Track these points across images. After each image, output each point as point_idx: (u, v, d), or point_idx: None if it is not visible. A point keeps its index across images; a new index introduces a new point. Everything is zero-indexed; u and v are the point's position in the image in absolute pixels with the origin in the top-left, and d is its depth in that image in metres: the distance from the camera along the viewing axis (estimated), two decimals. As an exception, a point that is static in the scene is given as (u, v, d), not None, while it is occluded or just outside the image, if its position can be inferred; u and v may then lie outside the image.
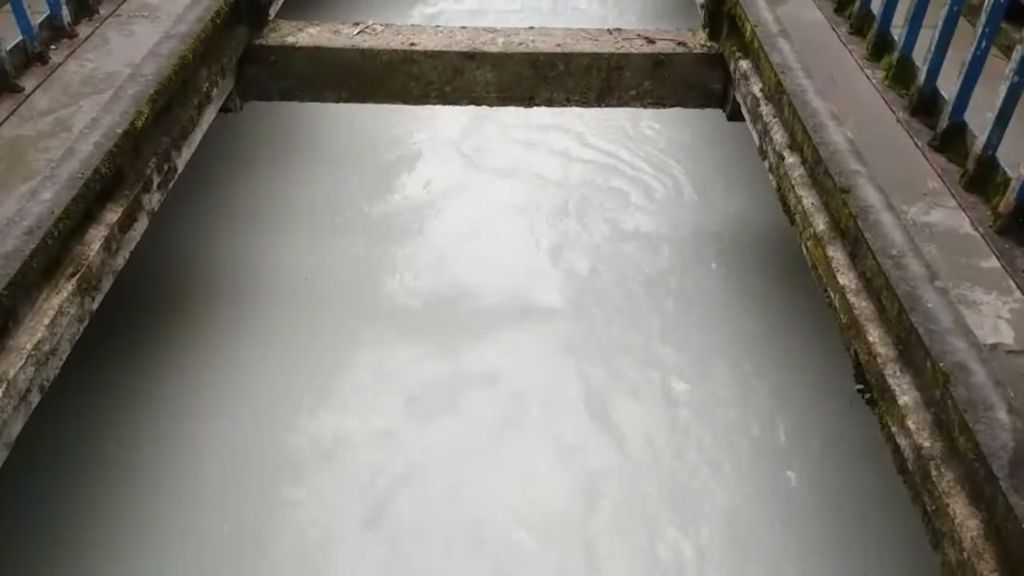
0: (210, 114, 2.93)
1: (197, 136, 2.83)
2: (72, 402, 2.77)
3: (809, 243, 2.24)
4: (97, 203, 2.17)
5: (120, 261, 2.27)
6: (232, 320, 3.34)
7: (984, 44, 1.82)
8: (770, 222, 3.57)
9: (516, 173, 4.29)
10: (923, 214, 2.02)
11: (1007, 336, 1.70)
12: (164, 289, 3.42)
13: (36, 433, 1.88)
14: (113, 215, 2.21)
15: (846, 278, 2.01)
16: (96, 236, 2.12)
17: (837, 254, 2.09)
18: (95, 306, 2.11)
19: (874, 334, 1.79)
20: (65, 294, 1.93)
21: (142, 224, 2.40)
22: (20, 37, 2.07)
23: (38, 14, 2.54)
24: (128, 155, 2.30)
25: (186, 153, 2.74)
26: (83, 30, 2.59)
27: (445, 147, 4.45)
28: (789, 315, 3.36)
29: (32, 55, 2.02)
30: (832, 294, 2.06)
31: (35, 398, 1.80)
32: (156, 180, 2.46)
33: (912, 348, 1.68)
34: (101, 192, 2.17)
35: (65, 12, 2.16)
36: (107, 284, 2.18)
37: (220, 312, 3.37)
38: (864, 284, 1.96)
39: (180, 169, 2.70)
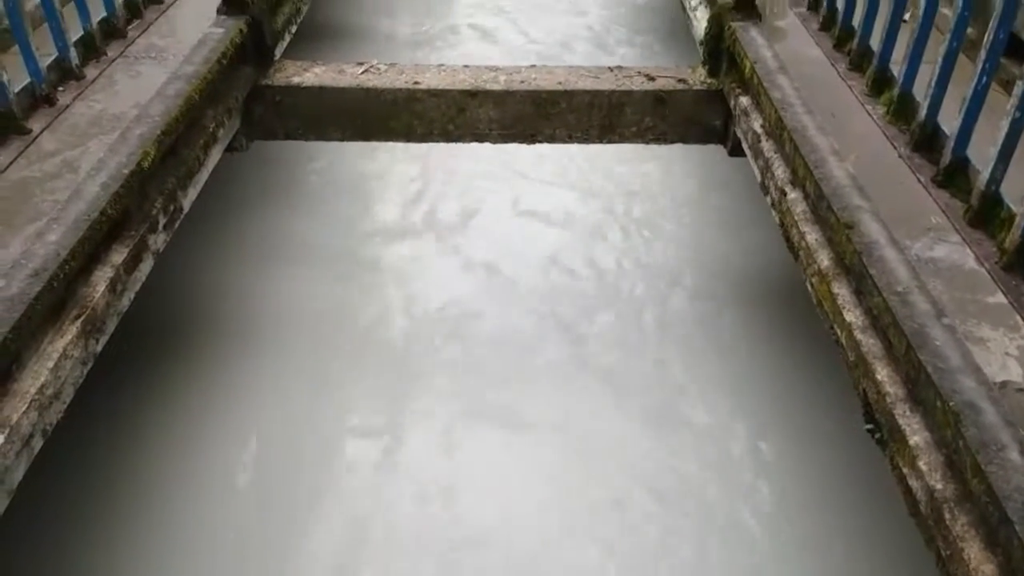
0: (216, 154, 2.96)
1: (203, 176, 2.85)
2: (75, 444, 2.75)
3: (814, 279, 2.23)
4: (103, 244, 2.17)
5: (125, 302, 2.27)
6: (238, 360, 3.33)
7: (984, 80, 1.84)
8: (774, 258, 3.57)
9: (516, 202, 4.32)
10: (928, 249, 2.02)
11: (1015, 374, 1.69)
12: (168, 329, 3.42)
13: (39, 478, 1.86)
14: (119, 256, 2.22)
15: (852, 315, 2.00)
16: (101, 278, 2.12)
17: (842, 291, 2.08)
18: (99, 348, 2.11)
19: (882, 372, 1.77)
20: (69, 337, 1.93)
21: (147, 265, 2.40)
22: (28, 79, 2.10)
23: (46, 56, 2.58)
24: (134, 196, 2.31)
25: (192, 193, 2.75)
26: (91, 72, 2.62)
27: (450, 183, 4.47)
28: (795, 351, 3.34)
29: (40, 97, 2.05)
30: (839, 331, 2.05)
31: (38, 443, 1.79)
32: (162, 221, 2.47)
33: (921, 386, 1.66)
34: (107, 233, 2.17)
35: (73, 54, 2.19)
36: (112, 326, 2.18)
37: (226, 351, 3.36)
38: (871, 321, 1.95)
39: (186, 209, 2.71)
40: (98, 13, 2.80)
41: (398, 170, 4.53)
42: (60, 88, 2.27)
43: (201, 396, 3.15)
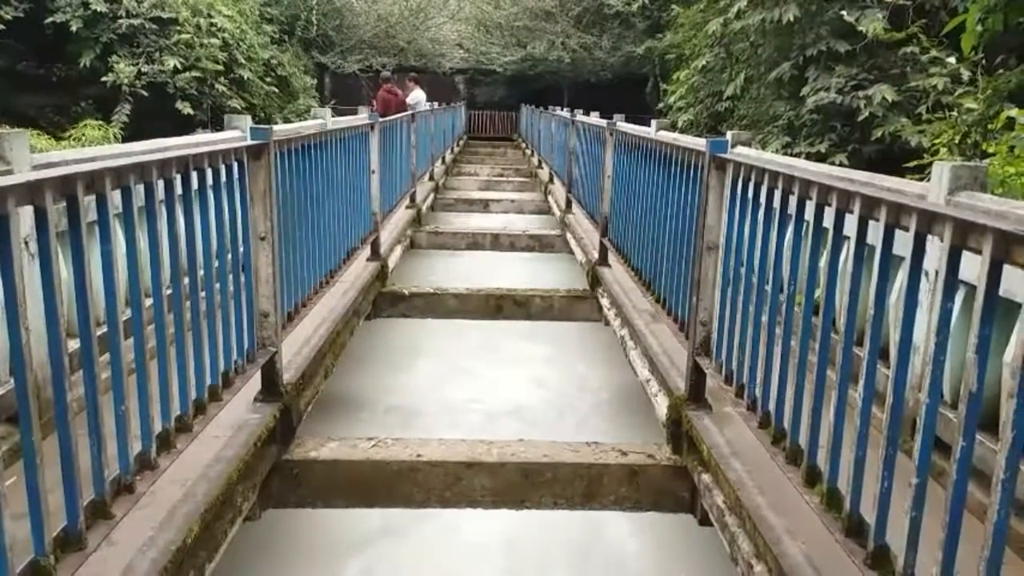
0: (237, 526, 3.25)
1: (223, 547, 3.11)
2: None
3: (788, 652, 2.46)
4: (141, 621, 2.37)
5: (144, 677, 2.39)
6: None
7: (887, 484, 2.30)
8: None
9: None
10: (881, 622, 2.30)
11: None
12: None
13: None
14: (150, 631, 2.40)
15: None
16: (135, 654, 2.29)
17: (814, 665, 2.31)
18: None
19: None
20: None
21: (169, 636, 2.56)
22: (117, 471, 2.47)
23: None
24: (173, 570, 2.57)
25: (213, 564, 2.99)
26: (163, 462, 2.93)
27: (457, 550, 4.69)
28: None
29: (123, 486, 2.42)
30: None
31: None
32: (190, 593, 2.69)
33: None
34: (148, 610, 2.39)
35: (154, 448, 2.62)
36: None
37: None
38: None
39: (206, 580, 2.93)
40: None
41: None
42: (138, 477, 2.60)
43: None
